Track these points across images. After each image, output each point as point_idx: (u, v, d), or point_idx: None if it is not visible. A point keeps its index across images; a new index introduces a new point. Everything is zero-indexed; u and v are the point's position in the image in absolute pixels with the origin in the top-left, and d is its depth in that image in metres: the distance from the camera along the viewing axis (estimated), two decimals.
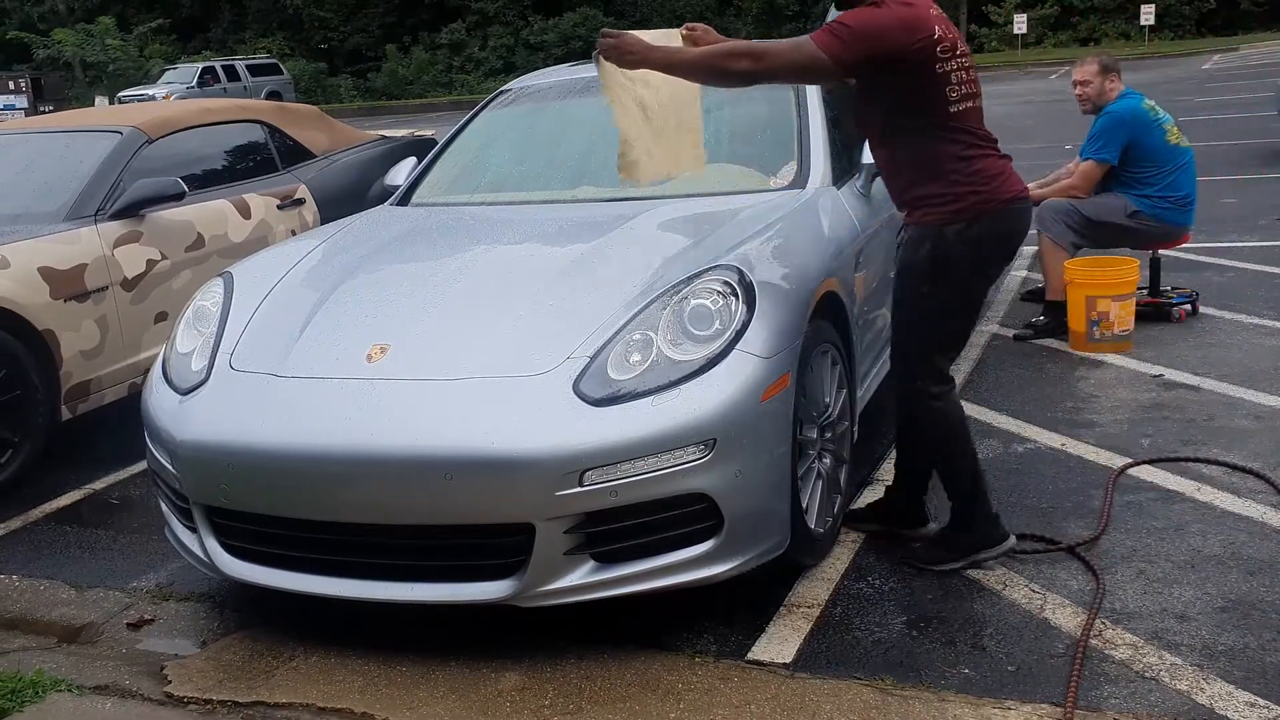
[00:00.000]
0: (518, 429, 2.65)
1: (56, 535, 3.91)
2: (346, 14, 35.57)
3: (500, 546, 2.71)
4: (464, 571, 2.77)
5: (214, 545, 3.00)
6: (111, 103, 26.48)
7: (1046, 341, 5.22)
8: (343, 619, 3.01)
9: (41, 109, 27.62)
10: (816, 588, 3.06)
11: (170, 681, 2.84)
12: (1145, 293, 5.42)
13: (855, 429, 3.50)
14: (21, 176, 4.96)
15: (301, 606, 2.98)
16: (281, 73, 32.12)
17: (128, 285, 4.65)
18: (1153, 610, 2.85)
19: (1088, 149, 5.29)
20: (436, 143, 4.85)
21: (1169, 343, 5.05)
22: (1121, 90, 5.32)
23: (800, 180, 3.76)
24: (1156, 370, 4.69)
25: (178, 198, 4.81)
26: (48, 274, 4.34)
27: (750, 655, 2.76)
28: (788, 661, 2.72)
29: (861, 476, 3.77)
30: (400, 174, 4.53)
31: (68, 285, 4.40)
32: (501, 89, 4.83)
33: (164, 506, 3.25)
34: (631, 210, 3.59)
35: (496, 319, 3.00)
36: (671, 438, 2.65)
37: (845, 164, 3.95)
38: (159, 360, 3.36)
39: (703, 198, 3.66)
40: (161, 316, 4.79)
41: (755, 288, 2.92)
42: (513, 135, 4.55)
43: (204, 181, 5.28)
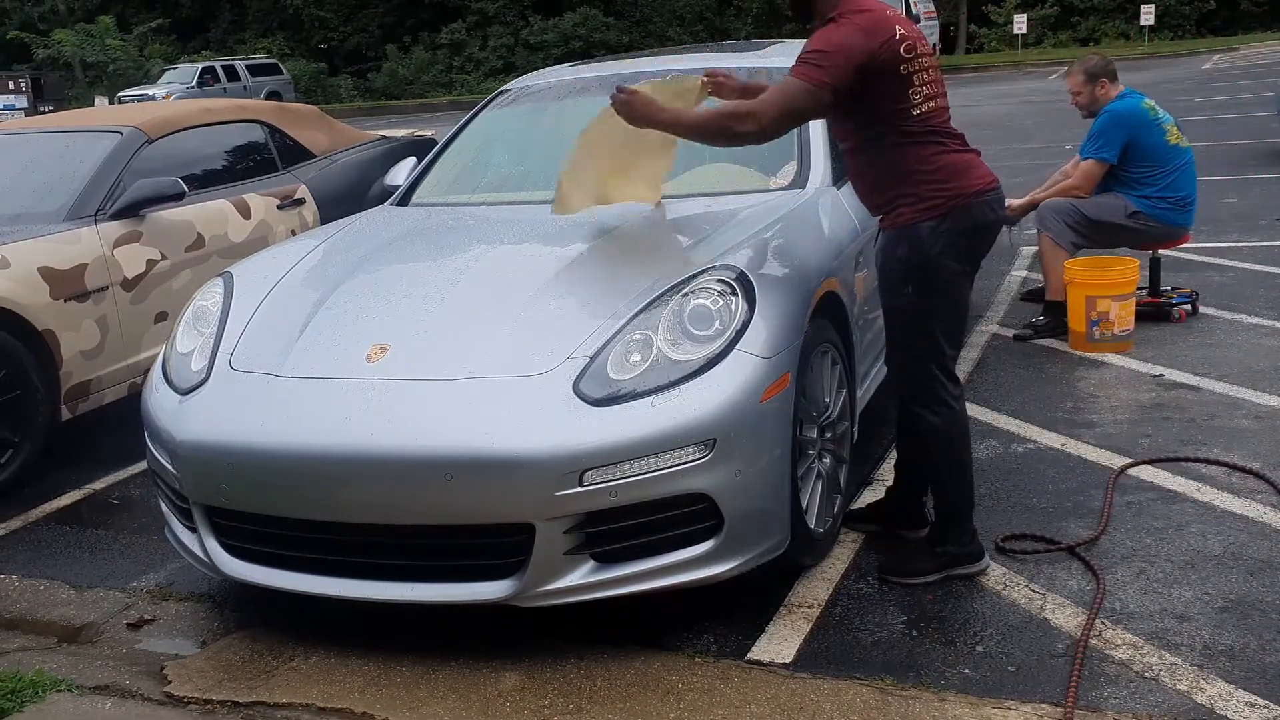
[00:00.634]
0: (518, 429, 2.65)
1: (56, 535, 3.90)
2: (346, 14, 35.54)
3: (500, 546, 2.71)
4: (464, 571, 2.77)
5: (214, 545, 2.99)
6: (111, 103, 26.47)
7: (1046, 341, 5.22)
8: (343, 619, 3.01)
9: (41, 109, 27.60)
10: (816, 588, 3.06)
11: (170, 681, 2.84)
12: (1145, 293, 5.41)
13: (855, 429, 3.50)
14: (21, 176, 4.96)
15: (301, 606, 2.98)
16: (281, 73, 32.09)
17: (128, 285, 4.65)
18: (1153, 610, 2.85)
19: (1087, 148, 5.29)
20: (436, 143, 4.85)
21: (1169, 343, 5.05)
22: (1120, 91, 5.33)
23: (800, 180, 3.77)
24: (1157, 370, 4.69)
25: (178, 198, 4.81)
26: (48, 274, 4.34)
27: (750, 655, 2.76)
28: (788, 661, 2.72)
29: (861, 476, 3.76)
30: (400, 174, 4.53)
31: (68, 285, 4.40)
32: (501, 89, 4.82)
33: (164, 506, 3.25)
34: (632, 210, 3.57)
35: (496, 319, 3.00)
36: (671, 438, 2.65)
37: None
38: (159, 360, 3.36)
39: (703, 198, 3.66)
40: (161, 316, 4.79)
41: (755, 288, 2.92)
42: (513, 135, 4.55)
43: (204, 181, 5.28)
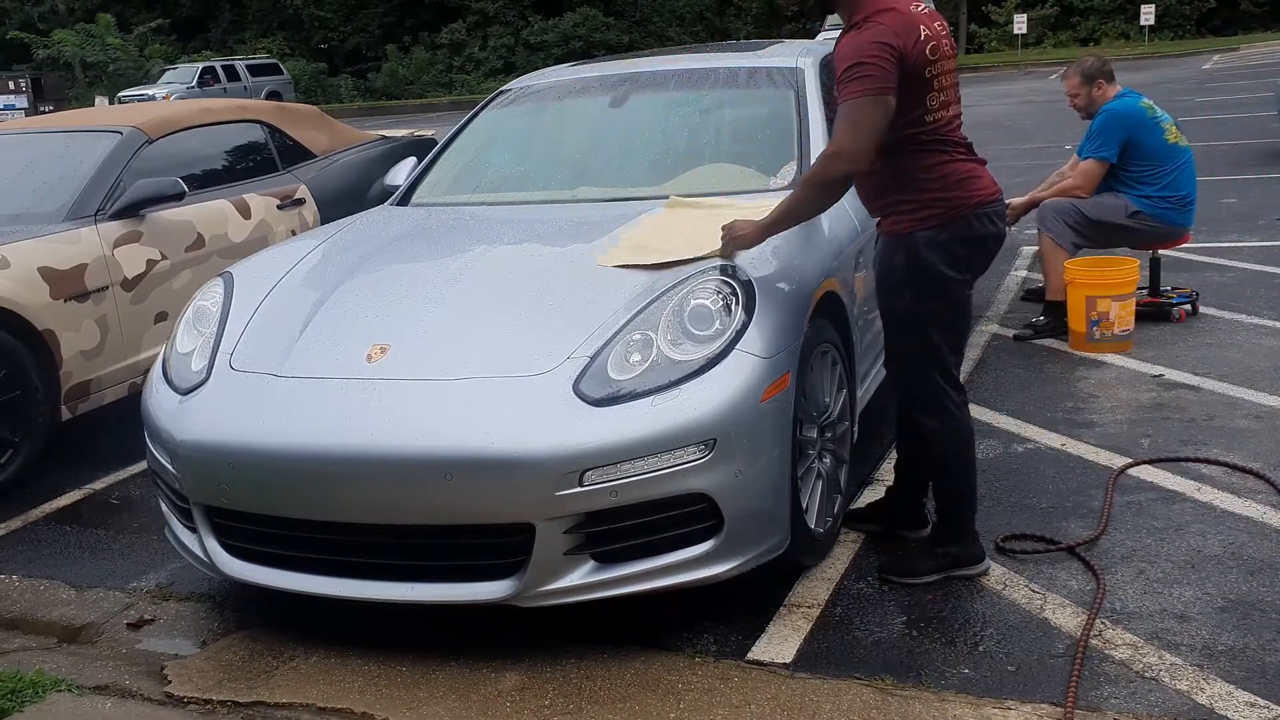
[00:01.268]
0: (518, 429, 2.65)
1: (56, 535, 3.90)
2: (346, 14, 35.54)
3: (500, 546, 2.71)
4: (464, 571, 2.77)
5: (214, 545, 2.99)
6: (111, 103, 26.45)
7: (1046, 341, 5.21)
8: (343, 619, 3.01)
9: (41, 109, 27.56)
10: (816, 588, 3.06)
11: (170, 681, 2.84)
12: (1145, 293, 5.40)
13: (855, 429, 3.49)
14: (21, 176, 4.95)
15: (302, 606, 2.98)
16: (281, 73, 32.09)
17: (128, 285, 4.65)
18: (1153, 610, 2.85)
19: (1086, 148, 5.29)
20: (436, 143, 4.84)
21: (1169, 343, 5.05)
22: (1118, 91, 5.32)
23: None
24: (1157, 370, 4.69)
25: (178, 198, 4.80)
26: (48, 274, 4.34)
27: (750, 655, 2.76)
28: (788, 661, 2.72)
29: (861, 476, 3.76)
30: (400, 174, 4.52)
31: (68, 285, 4.39)
32: (501, 89, 4.81)
33: (164, 506, 3.25)
34: (632, 211, 3.58)
35: (496, 319, 3.00)
36: (671, 438, 2.65)
37: None
38: (159, 360, 3.36)
39: (703, 198, 3.64)
40: (161, 316, 4.78)
41: (755, 288, 2.92)
42: (513, 135, 4.54)
43: (204, 181, 5.27)
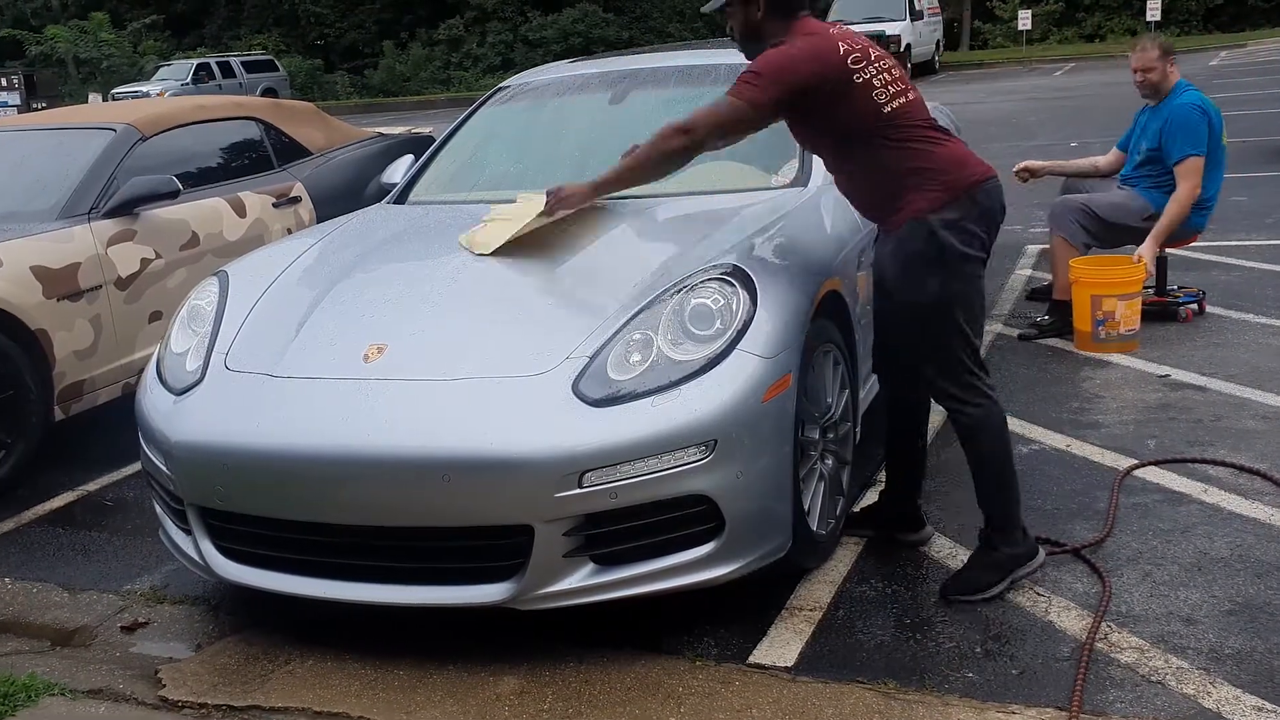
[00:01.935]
0: (516, 430, 2.64)
1: (49, 537, 3.88)
2: (343, 10, 35.44)
3: (499, 549, 2.70)
4: (462, 574, 2.75)
5: (209, 548, 2.98)
6: (105, 100, 26.39)
7: (1051, 341, 5.18)
8: (339, 622, 2.99)
9: (34, 106, 27.42)
10: (818, 590, 3.04)
11: (164, 685, 2.82)
12: (1151, 292, 5.35)
13: (858, 430, 3.47)
14: (14, 174, 4.93)
15: (297, 610, 2.96)
16: (277, 69, 32.01)
17: (121, 284, 4.62)
18: (1159, 613, 2.83)
19: (1180, 147, 5.02)
20: (434, 140, 4.82)
21: (1175, 342, 5.01)
22: (1180, 78, 5.21)
23: (802, 178, 3.74)
24: (1163, 370, 4.66)
25: (172, 196, 4.78)
26: (40, 273, 4.31)
27: (751, 659, 2.74)
28: (789, 665, 2.70)
29: (864, 478, 3.73)
30: (397, 172, 4.50)
31: (61, 284, 4.37)
32: (500, 85, 4.79)
33: (158, 508, 3.23)
34: (632, 209, 3.56)
35: (495, 318, 2.98)
36: (672, 439, 2.63)
37: None
38: (153, 360, 3.34)
39: (704, 196, 3.63)
40: (156, 316, 4.76)
41: (757, 287, 2.89)
42: (511, 132, 4.52)
43: (199, 179, 5.24)
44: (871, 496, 3.59)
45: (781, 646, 2.78)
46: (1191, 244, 5.64)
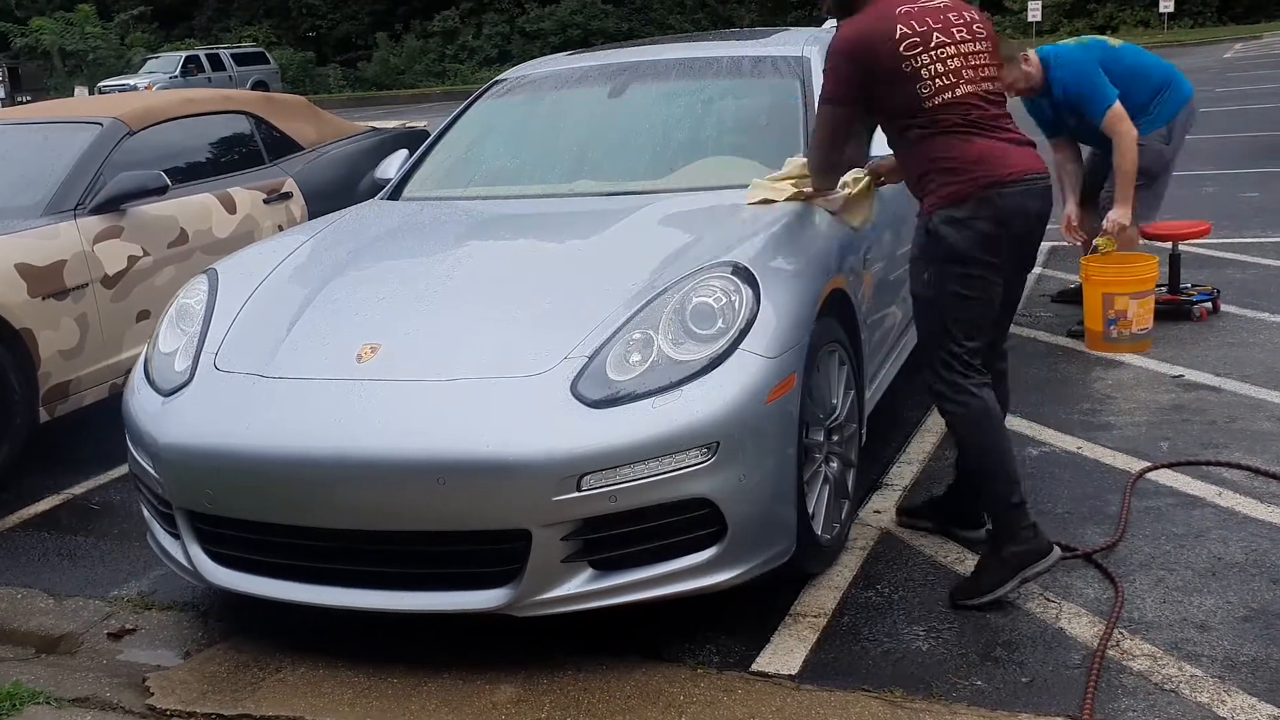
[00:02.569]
0: (513, 432, 2.61)
1: (34, 542, 3.85)
2: (335, 1, 35.39)
3: (495, 553, 2.68)
4: (458, 579, 2.73)
5: (198, 552, 2.95)
6: (91, 93, 26.30)
7: (1061, 340, 5.13)
8: (332, 629, 2.96)
9: (19, 99, 27.27)
10: (823, 596, 3.01)
11: (152, 693, 2.80)
12: (1164, 290, 5.28)
13: (863, 431, 3.45)
14: None
15: (289, 616, 2.94)
16: (268, 62, 31.94)
17: (108, 282, 4.57)
18: (1172, 620, 2.80)
19: (1096, 106, 4.85)
20: (429, 134, 4.80)
21: (1189, 342, 4.97)
22: (1033, 54, 4.97)
23: None
24: (1176, 371, 4.62)
25: (160, 192, 4.74)
26: (25, 271, 4.26)
27: (754, 666, 2.72)
28: (793, 673, 2.68)
29: (870, 480, 3.71)
30: (391, 167, 4.47)
31: (46, 282, 4.31)
32: (497, 79, 4.77)
33: (146, 512, 3.20)
34: (632, 205, 3.54)
35: (491, 317, 2.95)
36: (672, 441, 2.60)
37: None
38: (141, 360, 3.31)
39: (706, 192, 3.60)
40: (143, 315, 4.71)
41: (760, 285, 2.87)
42: (508, 127, 4.49)
43: (187, 175, 5.19)
44: (879, 500, 3.56)
45: (785, 654, 2.75)
46: (1204, 239, 5.51)
